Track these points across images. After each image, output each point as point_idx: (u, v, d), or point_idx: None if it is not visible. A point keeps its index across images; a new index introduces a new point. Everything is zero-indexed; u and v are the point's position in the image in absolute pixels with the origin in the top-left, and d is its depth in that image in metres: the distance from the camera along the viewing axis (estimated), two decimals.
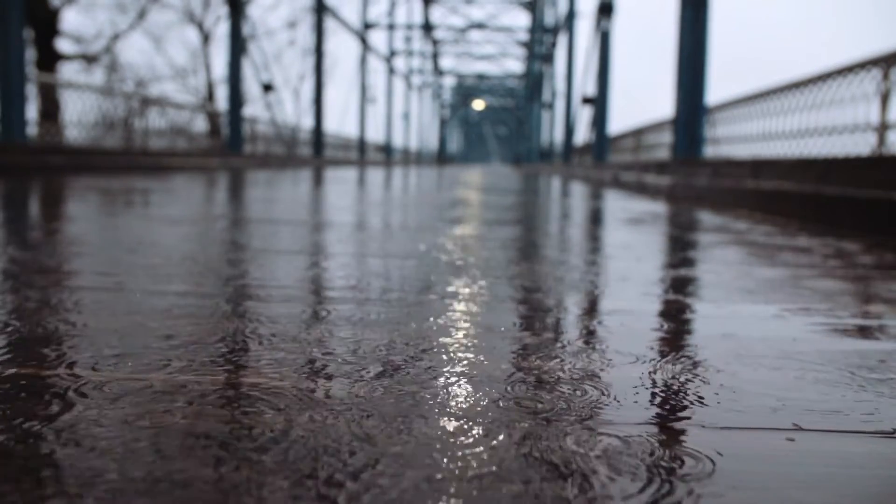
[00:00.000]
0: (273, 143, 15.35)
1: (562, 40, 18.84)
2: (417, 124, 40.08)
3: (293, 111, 26.93)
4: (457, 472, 0.57)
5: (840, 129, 4.17)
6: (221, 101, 20.54)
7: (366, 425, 0.66)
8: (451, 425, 0.67)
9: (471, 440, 0.64)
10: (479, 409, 0.72)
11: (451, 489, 0.54)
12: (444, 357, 0.91)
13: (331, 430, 0.65)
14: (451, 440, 0.64)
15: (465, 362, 0.88)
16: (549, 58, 23.31)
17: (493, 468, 0.58)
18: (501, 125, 74.38)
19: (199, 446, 0.61)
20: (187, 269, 1.56)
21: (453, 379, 0.82)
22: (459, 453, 0.61)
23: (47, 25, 16.22)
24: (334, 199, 4.64)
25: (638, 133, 9.90)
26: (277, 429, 0.65)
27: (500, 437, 0.64)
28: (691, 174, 5.51)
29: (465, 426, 0.67)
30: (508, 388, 0.78)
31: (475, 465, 0.59)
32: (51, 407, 0.69)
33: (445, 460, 0.59)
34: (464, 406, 0.73)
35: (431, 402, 0.73)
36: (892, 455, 0.65)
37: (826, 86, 4.32)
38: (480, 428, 0.66)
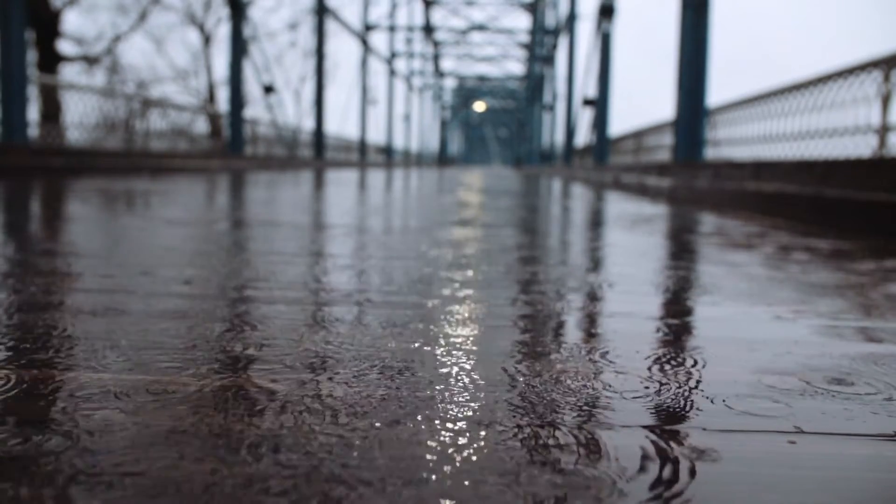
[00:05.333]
0: (274, 145, 15.36)
1: (563, 42, 18.86)
2: (418, 126, 40.12)
3: (294, 113, 27.00)
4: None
5: (841, 131, 4.17)
6: (222, 102, 20.56)
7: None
8: None
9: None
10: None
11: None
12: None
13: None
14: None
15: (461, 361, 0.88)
16: (549, 60, 23.32)
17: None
18: (502, 127, 74.43)
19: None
20: (186, 270, 1.56)
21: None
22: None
23: (49, 27, 16.25)
24: (336, 201, 4.64)
25: (639, 135, 9.90)
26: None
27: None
28: (692, 176, 5.50)
29: None
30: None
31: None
32: (53, 408, 0.69)
33: None
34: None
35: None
36: (895, 458, 0.65)
37: (827, 88, 4.32)
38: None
